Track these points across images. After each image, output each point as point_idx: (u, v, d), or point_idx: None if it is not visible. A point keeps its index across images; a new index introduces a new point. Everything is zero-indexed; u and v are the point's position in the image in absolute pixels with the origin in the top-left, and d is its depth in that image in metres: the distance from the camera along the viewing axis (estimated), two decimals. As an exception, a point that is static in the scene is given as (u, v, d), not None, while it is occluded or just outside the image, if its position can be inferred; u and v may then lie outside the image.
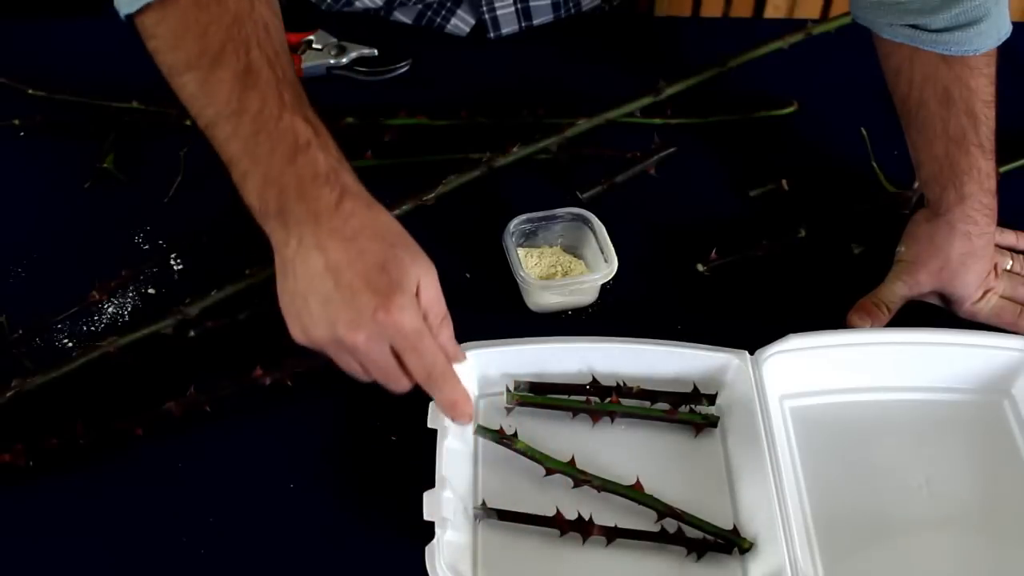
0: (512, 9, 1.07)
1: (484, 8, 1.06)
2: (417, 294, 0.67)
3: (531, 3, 1.07)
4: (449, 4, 1.07)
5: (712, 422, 0.77)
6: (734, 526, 0.72)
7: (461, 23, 1.08)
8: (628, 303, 0.86)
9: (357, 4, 1.09)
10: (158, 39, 0.69)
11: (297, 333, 0.68)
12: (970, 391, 0.81)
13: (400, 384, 0.69)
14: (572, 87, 1.04)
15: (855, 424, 0.79)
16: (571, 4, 1.10)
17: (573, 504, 0.72)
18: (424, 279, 0.67)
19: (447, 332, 0.70)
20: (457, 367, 0.75)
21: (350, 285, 0.65)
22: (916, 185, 0.91)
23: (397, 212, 0.88)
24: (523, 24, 1.08)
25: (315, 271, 0.66)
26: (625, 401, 0.77)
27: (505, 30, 1.08)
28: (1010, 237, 0.88)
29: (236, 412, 0.78)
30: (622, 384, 0.77)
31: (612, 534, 0.71)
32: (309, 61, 1.03)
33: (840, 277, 0.88)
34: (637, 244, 0.89)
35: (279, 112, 0.67)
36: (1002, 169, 0.86)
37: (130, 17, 0.70)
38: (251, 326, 0.83)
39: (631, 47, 1.11)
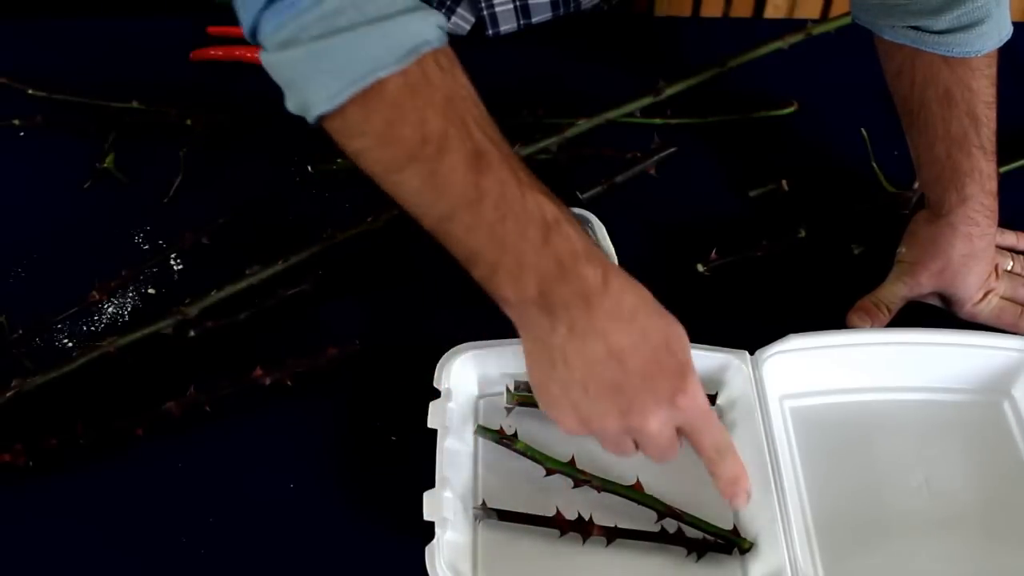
0: (511, 6, 1.07)
1: (483, 5, 1.06)
2: None
3: (530, 0, 1.07)
4: (449, 3, 1.07)
5: (712, 422, 0.77)
6: (734, 526, 0.72)
7: (461, 21, 1.08)
8: (628, 303, 0.86)
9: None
10: (367, 136, 0.61)
11: (572, 424, 0.64)
12: (970, 391, 0.81)
13: (672, 458, 0.66)
14: (572, 87, 1.04)
15: (855, 424, 0.79)
16: (570, 3, 1.10)
17: (573, 504, 0.72)
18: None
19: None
20: (458, 366, 0.75)
21: (642, 371, 0.61)
22: (916, 185, 0.91)
23: (397, 212, 0.88)
24: (522, 22, 1.08)
25: (596, 358, 0.61)
26: (625, 401, 0.77)
27: (504, 27, 1.08)
28: (1011, 238, 0.88)
29: (236, 412, 0.78)
30: (622, 384, 0.77)
31: (612, 534, 0.71)
32: (309, 61, 1.03)
33: (840, 277, 0.88)
34: (637, 244, 0.89)
35: (520, 192, 0.60)
36: (1002, 169, 0.86)
37: (323, 118, 0.60)
38: (251, 326, 0.83)
39: (631, 47, 1.11)
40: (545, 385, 0.64)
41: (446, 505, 0.68)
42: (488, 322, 0.81)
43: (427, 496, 0.68)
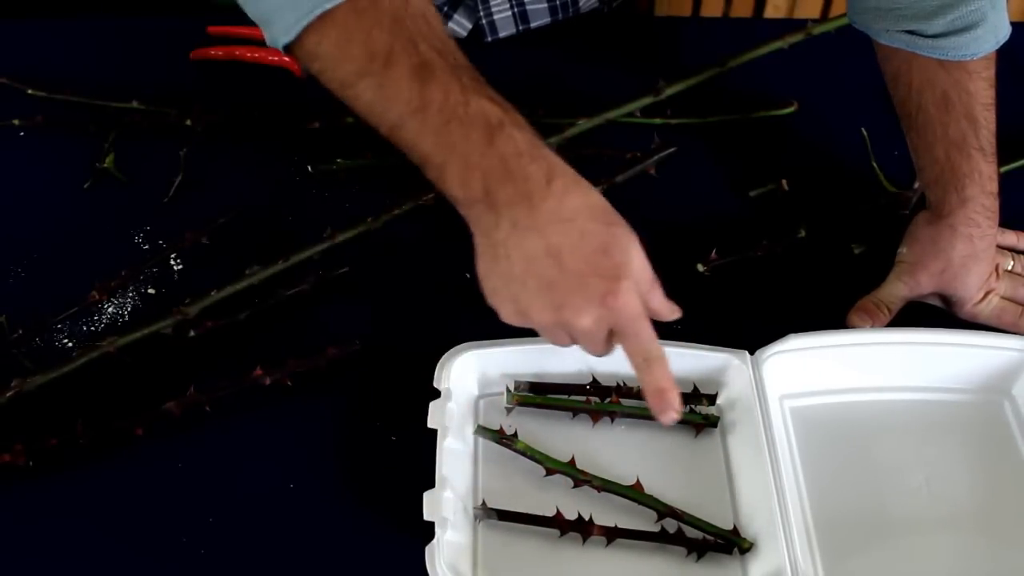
0: (509, 14, 1.07)
1: (481, 13, 1.06)
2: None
3: (528, 7, 1.07)
4: (446, 8, 1.07)
5: (712, 422, 0.77)
6: (734, 526, 0.72)
7: (457, 27, 1.08)
8: (628, 303, 0.86)
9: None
10: (322, 58, 0.67)
11: (510, 314, 0.67)
12: (970, 391, 0.81)
13: (605, 353, 0.69)
14: (572, 87, 1.04)
15: (855, 424, 0.79)
16: (569, 8, 1.10)
17: (573, 504, 0.72)
18: (636, 253, 0.67)
19: (658, 296, 0.69)
20: (458, 366, 0.75)
21: (576, 270, 0.64)
22: (916, 185, 0.91)
23: (397, 212, 0.88)
24: (520, 27, 1.08)
25: (534, 254, 0.64)
26: (625, 401, 0.77)
27: (503, 33, 1.08)
28: (1011, 238, 0.88)
29: (236, 412, 0.78)
30: (622, 384, 0.77)
31: (612, 534, 0.71)
32: (309, 61, 1.03)
33: (840, 277, 0.88)
34: (637, 244, 0.89)
35: (464, 98, 0.65)
36: (1002, 169, 0.86)
37: (289, 47, 0.67)
38: (251, 326, 0.83)
39: (631, 47, 1.11)
40: (488, 277, 0.67)
41: (446, 505, 0.68)
42: (488, 322, 0.81)
43: (427, 496, 0.68)
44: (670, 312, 0.69)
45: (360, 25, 0.65)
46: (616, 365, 0.78)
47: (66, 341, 0.82)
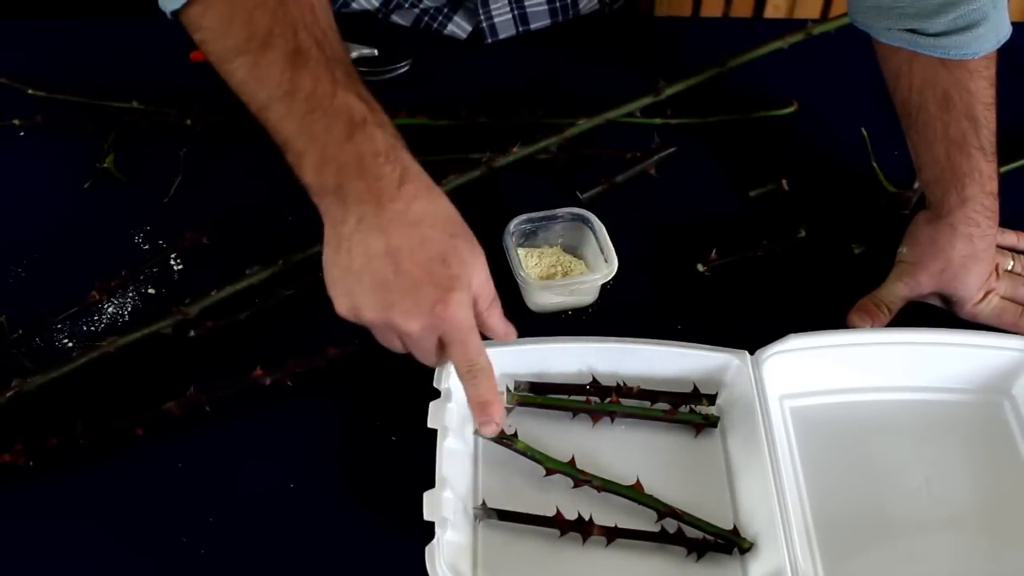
0: (509, 16, 1.07)
1: (481, 15, 1.06)
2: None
3: (528, 9, 1.07)
4: (446, 10, 1.07)
5: (712, 422, 0.77)
6: (734, 526, 0.72)
7: (458, 29, 1.08)
8: (628, 303, 0.86)
9: (354, 5, 1.09)
10: (204, 30, 0.70)
11: (343, 308, 0.68)
12: (970, 391, 0.81)
13: (436, 363, 0.71)
14: (572, 87, 1.04)
15: (855, 424, 0.79)
16: (569, 9, 1.10)
17: (573, 504, 0.72)
18: (477, 267, 0.68)
19: (496, 313, 0.71)
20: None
21: (411, 274, 0.65)
22: (916, 185, 0.91)
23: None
24: (520, 29, 1.08)
25: (374, 252, 0.66)
26: (625, 401, 0.77)
27: (503, 35, 1.08)
28: (1011, 238, 0.88)
29: (236, 412, 0.78)
30: (622, 384, 0.77)
31: (612, 534, 0.71)
32: (309, 61, 1.03)
33: (840, 277, 0.88)
34: (637, 244, 0.89)
35: (332, 90, 0.67)
36: (1002, 169, 0.86)
37: (176, 14, 0.70)
38: (251, 326, 0.83)
39: (631, 47, 1.11)
40: (329, 268, 0.69)
41: (446, 505, 0.68)
42: (488, 322, 0.81)
43: (427, 496, 0.68)
44: (506, 333, 0.71)
45: (244, 4, 0.67)
46: (616, 365, 0.78)
47: (66, 341, 0.82)
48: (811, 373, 0.79)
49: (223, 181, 0.94)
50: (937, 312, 0.86)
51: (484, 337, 0.71)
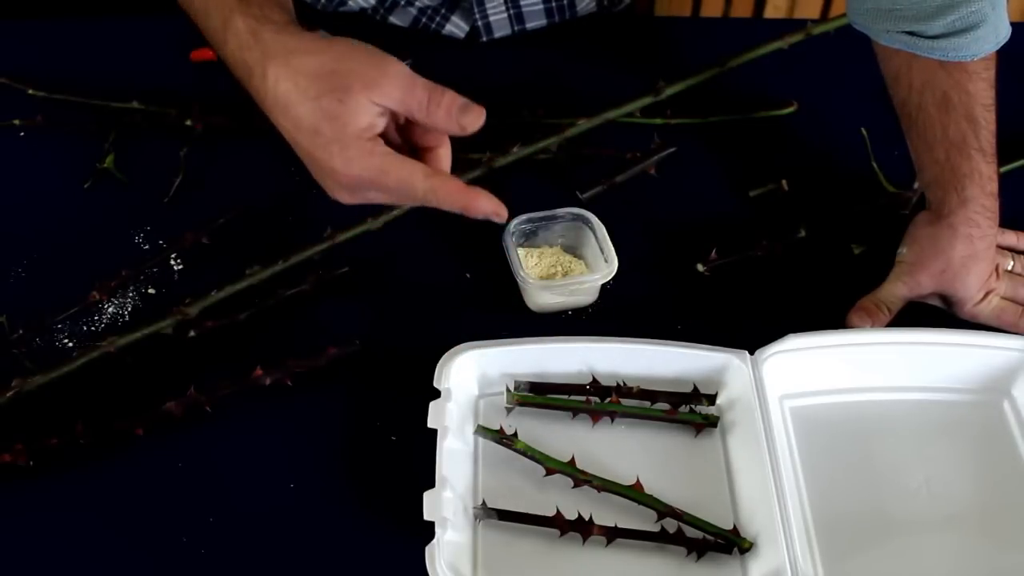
0: (504, 16, 1.07)
1: (476, 14, 1.06)
2: (380, 103, 0.66)
3: (523, 8, 1.07)
4: (443, 11, 1.07)
5: (712, 422, 0.77)
6: (734, 526, 0.72)
7: (455, 29, 1.08)
8: (628, 303, 0.86)
9: (351, 4, 1.09)
10: None
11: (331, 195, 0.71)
12: (970, 391, 0.81)
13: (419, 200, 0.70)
14: (571, 87, 1.04)
15: (855, 424, 0.79)
16: (566, 11, 1.10)
17: (573, 504, 0.72)
18: (376, 91, 0.66)
19: (441, 112, 0.68)
20: (457, 366, 0.75)
21: (308, 158, 0.68)
22: (916, 185, 0.91)
23: (397, 212, 0.88)
24: (516, 28, 1.08)
25: (284, 135, 0.69)
26: (625, 401, 0.77)
27: (498, 34, 1.08)
28: (1011, 238, 0.88)
29: (236, 412, 0.78)
30: (622, 384, 0.77)
31: (612, 534, 0.71)
32: (309, 61, 1.03)
33: (840, 277, 0.88)
34: (637, 244, 0.89)
35: None
36: (1002, 170, 0.86)
37: None
38: (251, 326, 0.83)
39: (631, 47, 1.11)
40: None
41: (446, 505, 0.68)
42: (488, 322, 0.81)
43: (427, 496, 0.68)
44: (467, 124, 0.69)
45: None
46: (616, 365, 0.78)
47: (66, 341, 0.82)
48: (811, 373, 0.79)
49: (223, 181, 0.94)
50: (937, 312, 0.86)
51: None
